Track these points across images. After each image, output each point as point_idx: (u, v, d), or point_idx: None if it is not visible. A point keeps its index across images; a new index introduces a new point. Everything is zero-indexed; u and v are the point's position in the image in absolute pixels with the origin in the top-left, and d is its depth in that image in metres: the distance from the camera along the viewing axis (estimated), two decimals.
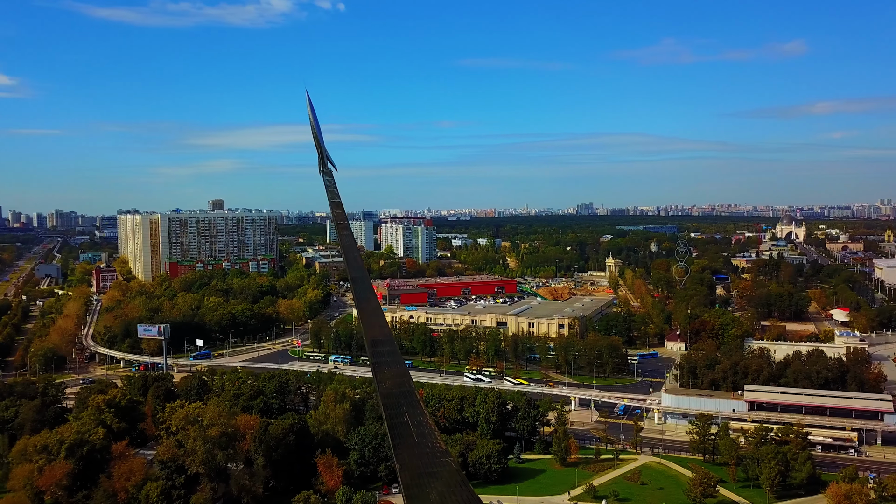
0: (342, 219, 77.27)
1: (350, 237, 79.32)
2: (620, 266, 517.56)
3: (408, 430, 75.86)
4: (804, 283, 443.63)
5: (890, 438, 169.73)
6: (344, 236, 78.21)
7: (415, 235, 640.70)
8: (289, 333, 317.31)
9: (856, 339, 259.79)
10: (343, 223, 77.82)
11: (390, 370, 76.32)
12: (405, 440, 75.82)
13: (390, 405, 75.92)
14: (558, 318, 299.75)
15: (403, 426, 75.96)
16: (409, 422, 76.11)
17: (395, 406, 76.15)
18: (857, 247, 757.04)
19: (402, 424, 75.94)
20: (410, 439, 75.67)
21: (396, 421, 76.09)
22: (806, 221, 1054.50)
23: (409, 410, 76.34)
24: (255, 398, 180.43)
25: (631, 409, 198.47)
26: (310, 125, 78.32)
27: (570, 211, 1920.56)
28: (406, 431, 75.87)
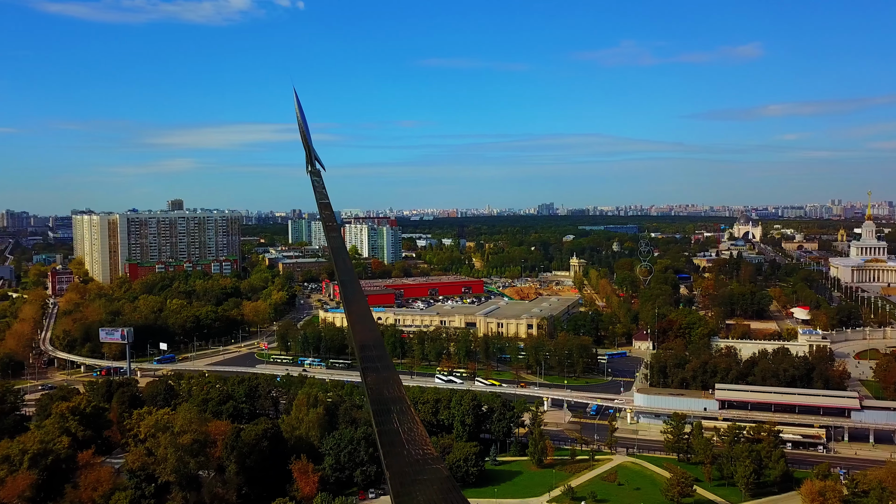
0: (331, 220, 75.17)
1: (339, 239, 77.19)
2: (584, 266, 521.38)
3: (398, 437, 74.11)
4: (763, 282, 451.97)
5: (856, 435, 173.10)
6: (333, 238, 76.09)
7: (380, 236, 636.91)
8: (254, 336, 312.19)
9: (818, 336, 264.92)
10: (332, 224, 75.74)
11: (380, 375, 74.39)
12: (395, 447, 73.99)
13: (380, 411, 74.03)
14: (527, 318, 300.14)
15: (393, 433, 74.16)
16: (399, 428, 74.32)
17: (385, 412, 74.27)
18: (812, 246, 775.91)
19: (393, 431, 74.13)
20: (400, 446, 73.84)
21: (386, 427, 74.25)
22: (761, 221, 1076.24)
23: (400, 417, 74.56)
24: (224, 403, 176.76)
25: (603, 408, 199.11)
26: (297, 123, 76.08)
27: (531, 211, 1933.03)
28: (396, 438, 74.10)
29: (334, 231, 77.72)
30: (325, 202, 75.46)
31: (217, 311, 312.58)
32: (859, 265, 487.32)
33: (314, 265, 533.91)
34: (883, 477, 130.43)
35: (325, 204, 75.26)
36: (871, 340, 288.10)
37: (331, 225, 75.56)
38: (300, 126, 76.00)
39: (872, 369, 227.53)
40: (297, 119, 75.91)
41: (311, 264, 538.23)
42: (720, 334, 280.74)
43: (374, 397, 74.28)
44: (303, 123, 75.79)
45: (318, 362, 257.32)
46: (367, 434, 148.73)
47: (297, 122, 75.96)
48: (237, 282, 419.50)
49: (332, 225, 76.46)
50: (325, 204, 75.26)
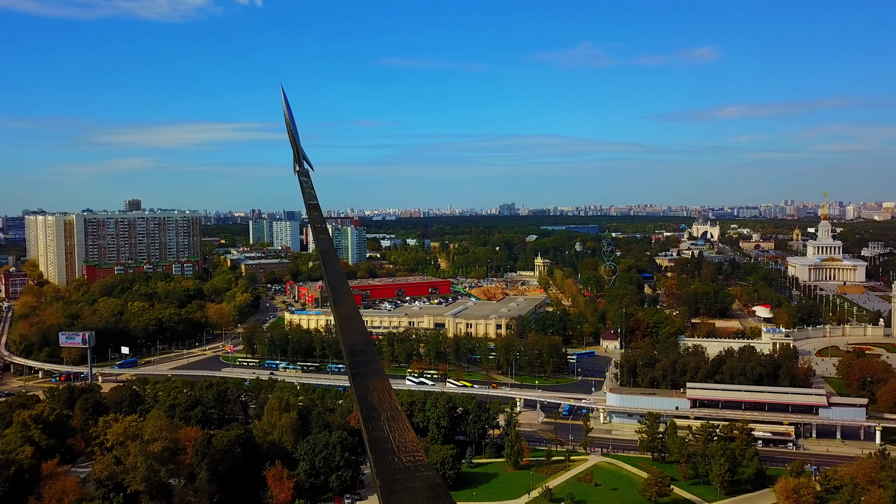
0: (319, 221, 72.94)
1: (328, 241, 74.90)
2: (549, 266, 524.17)
3: (389, 444, 72.13)
4: (724, 280, 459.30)
5: (824, 431, 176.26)
6: (322, 240, 73.69)
7: (344, 236, 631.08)
8: (219, 339, 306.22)
9: (781, 335, 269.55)
10: (320, 226, 73.49)
11: (371, 381, 72.32)
12: (385, 454, 71.94)
13: (370, 418, 71.94)
14: (495, 318, 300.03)
15: (384, 440, 72.16)
16: (389, 435, 72.41)
17: (376, 419, 72.22)
18: (769, 245, 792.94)
19: (383, 438, 72.14)
20: (391, 453, 71.89)
21: (376, 434, 72.16)
22: (719, 221, 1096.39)
23: (391, 423, 72.57)
24: (192, 408, 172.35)
25: (576, 409, 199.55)
26: (284, 121, 73.66)
27: (492, 211, 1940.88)
28: (387, 445, 72.10)
29: (323, 233, 75.35)
30: (314, 203, 73.25)
31: (180, 314, 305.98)
32: (816, 264, 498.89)
33: (277, 266, 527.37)
34: (854, 473, 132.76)
35: (313, 205, 73.04)
36: (832, 338, 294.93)
37: (319, 226, 73.34)
38: (287, 124, 73.65)
39: (835, 366, 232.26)
40: (285, 117, 73.53)
41: (273, 265, 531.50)
42: (686, 333, 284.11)
43: (364, 403, 72.21)
44: (290, 122, 73.48)
45: (292, 366, 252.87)
46: (342, 439, 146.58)
47: (285, 119, 73.58)
48: (200, 284, 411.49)
49: (321, 226, 74.27)
50: (313, 205, 73.04)
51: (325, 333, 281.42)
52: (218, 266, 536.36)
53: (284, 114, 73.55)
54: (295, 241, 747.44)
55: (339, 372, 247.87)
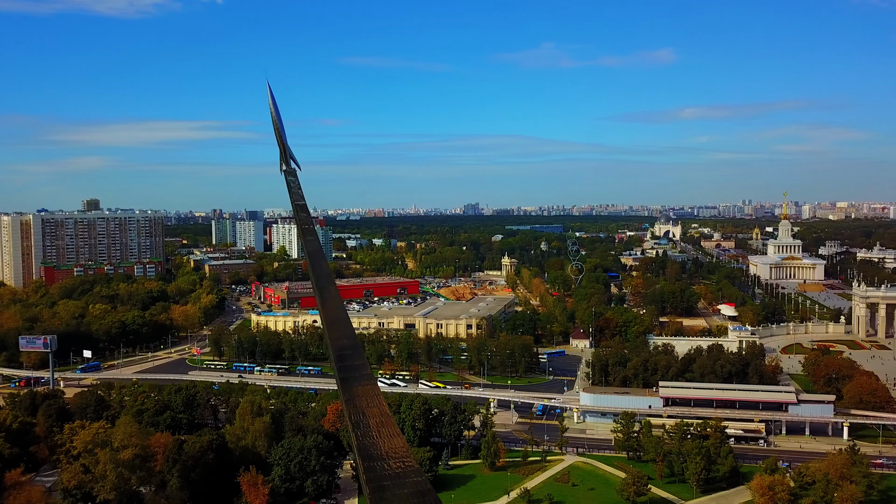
0: (307, 222, 70.95)
1: (316, 242, 72.98)
2: (516, 265, 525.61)
3: (378, 450, 70.68)
4: (688, 279, 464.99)
5: (793, 427, 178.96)
6: (310, 241, 71.72)
7: None
8: (184, 341, 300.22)
9: (747, 333, 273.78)
10: (308, 227, 71.48)
11: (360, 386, 70.71)
12: (374, 461, 70.48)
13: (359, 423, 70.40)
14: (466, 318, 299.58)
15: (373, 446, 70.71)
16: (378, 441, 70.93)
17: (365, 425, 70.68)
18: (729, 244, 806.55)
19: (372, 444, 70.68)
20: (381, 460, 70.43)
21: (366, 441, 70.68)
22: (680, 220, 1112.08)
23: (380, 430, 71.09)
24: (161, 413, 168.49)
25: (549, 408, 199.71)
26: (271, 119, 71.58)
27: (457, 211, 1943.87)
28: (376, 452, 70.64)
29: (311, 234, 73.33)
30: (301, 203, 71.31)
31: (144, 316, 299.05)
32: (777, 263, 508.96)
33: (241, 267, 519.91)
34: (826, 469, 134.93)
35: (300, 205, 71.10)
36: (795, 335, 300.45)
37: (307, 227, 71.37)
38: (274, 123, 71.61)
39: (801, 363, 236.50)
40: (272, 114, 71.49)
41: (238, 266, 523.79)
42: (655, 332, 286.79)
43: (353, 408, 70.64)
44: (277, 120, 71.43)
45: (267, 368, 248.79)
46: (317, 443, 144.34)
47: (272, 117, 71.53)
48: (163, 285, 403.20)
49: (309, 227, 72.30)
50: (300, 205, 71.10)
51: (293, 335, 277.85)
52: (181, 267, 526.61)
53: (271, 111, 71.55)
54: (259, 242, 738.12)
55: (308, 374, 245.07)
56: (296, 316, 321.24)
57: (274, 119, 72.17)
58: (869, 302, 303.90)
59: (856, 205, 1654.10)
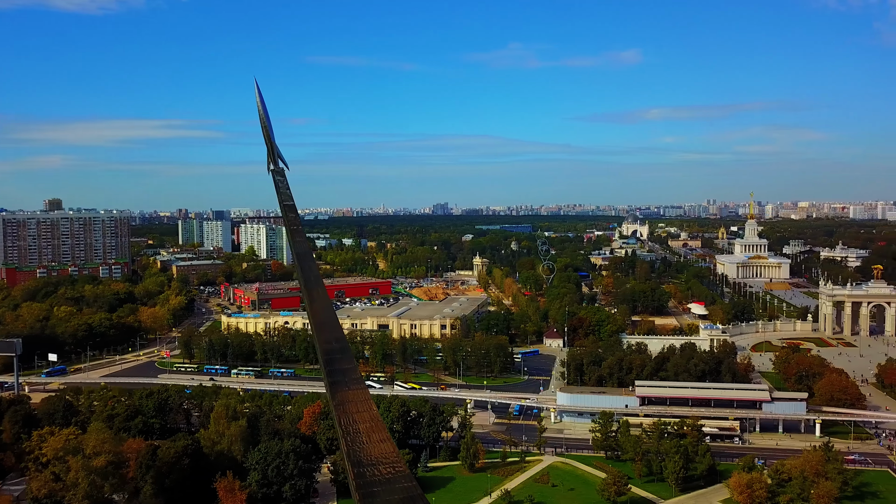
0: (296, 223, 69.37)
1: (305, 244, 71.43)
2: (487, 265, 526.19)
3: (368, 456, 69.53)
4: (657, 278, 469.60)
5: (767, 425, 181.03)
6: (298, 243, 70.14)
7: (279, 236, 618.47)
8: (153, 343, 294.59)
9: (718, 331, 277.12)
10: (297, 228, 69.90)
11: (351, 391, 69.44)
12: (364, 467, 69.40)
13: (349, 430, 69.17)
14: (440, 318, 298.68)
15: (363, 451, 69.53)
16: (368, 447, 69.78)
17: (355, 430, 69.47)
18: (696, 244, 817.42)
19: (363, 450, 69.50)
20: (371, 465, 69.35)
21: (356, 447, 69.51)
22: (647, 220, 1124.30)
23: (370, 435, 69.95)
24: (132, 418, 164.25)
25: (526, 408, 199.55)
26: (259, 118, 69.66)
27: (426, 210, 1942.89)
28: (366, 458, 69.49)
29: (300, 235, 71.77)
30: (290, 203, 69.67)
31: (111, 318, 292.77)
32: (744, 262, 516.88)
33: (210, 268, 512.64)
34: (801, 465, 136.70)
35: (289, 206, 69.45)
36: (764, 333, 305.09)
37: (296, 228, 69.76)
38: (262, 121, 69.76)
39: (772, 361, 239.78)
40: (259, 113, 69.61)
41: (206, 266, 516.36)
42: (627, 331, 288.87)
43: (343, 413, 69.37)
44: (265, 118, 69.58)
45: (244, 371, 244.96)
46: (295, 446, 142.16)
47: (259, 116, 69.66)
48: (130, 286, 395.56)
49: (298, 228, 70.69)
50: (289, 206, 69.45)
51: (265, 337, 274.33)
52: (147, 268, 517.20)
53: (259, 109, 69.75)
54: (226, 242, 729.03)
55: (281, 376, 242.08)
56: (267, 317, 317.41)
57: (262, 117, 70.35)
58: (835, 300, 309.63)
59: (817, 204, 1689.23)
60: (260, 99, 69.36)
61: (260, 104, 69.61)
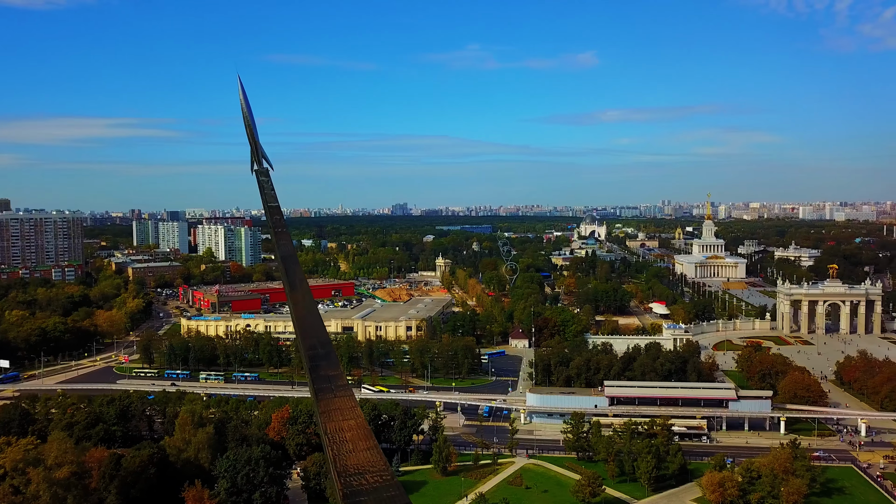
0: (281, 225, 67.10)
1: (290, 246, 69.31)
2: (450, 266, 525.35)
3: (355, 466, 67.66)
4: (617, 278, 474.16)
5: (733, 423, 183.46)
6: (283, 245, 67.92)
7: (237, 237, 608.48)
8: (110, 348, 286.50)
9: (681, 330, 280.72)
10: (282, 230, 67.59)
11: (337, 398, 67.42)
12: (351, 476, 67.49)
13: (336, 438, 67.22)
14: (405, 320, 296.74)
15: (350, 460, 67.65)
16: (355, 455, 67.91)
17: (342, 439, 67.53)
18: (653, 244, 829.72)
19: (350, 459, 67.61)
20: (358, 476, 67.48)
21: (343, 456, 67.56)
22: (605, 221, 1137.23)
23: (356, 443, 68.07)
24: (93, 426, 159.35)
25: (495, 410, 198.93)
26: (242, 116, 67.12)
27: (385, 211, 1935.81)
28: (353, 468, 67.63)
29: (285, 237, 69.53)
30: (275, 205, 67.38)
31: (66, 322, 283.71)
32: (701, 262, 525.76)
33: (167, 269, 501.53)
34: (770, 463, 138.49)
35: (274, 207, 67.16)
36: (725, 332, 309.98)
37: (281, 230, 67.45)
38: (245, 119, 67.20)
39: (735, 360, 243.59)
40: (242, 111, 67.03)
41: (163, 269, 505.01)
42: (592, 331, 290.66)
43: (330, 421, 67.35)
44: (248, 116, 67.00)
45: (214, 376, 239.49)
46: (265, 453, 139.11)
47: (242, 114, 67.10)
48: (85, 289, 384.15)
49: (283, 230, 68.37)
50: (274, 207, 67.16)
51: (228, 340, 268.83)
52: (102, 270, 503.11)
53: (242, 107, 67.21)
54: (183, 243, 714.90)
55: (245, 380, 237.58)
56: (228, 320, 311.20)
57: (245, 116, 67.81)
58: (792, 299, 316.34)
59: (768, 205, 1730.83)
60: (243, 96, 66.80)
61: (243, 102, 67.05)
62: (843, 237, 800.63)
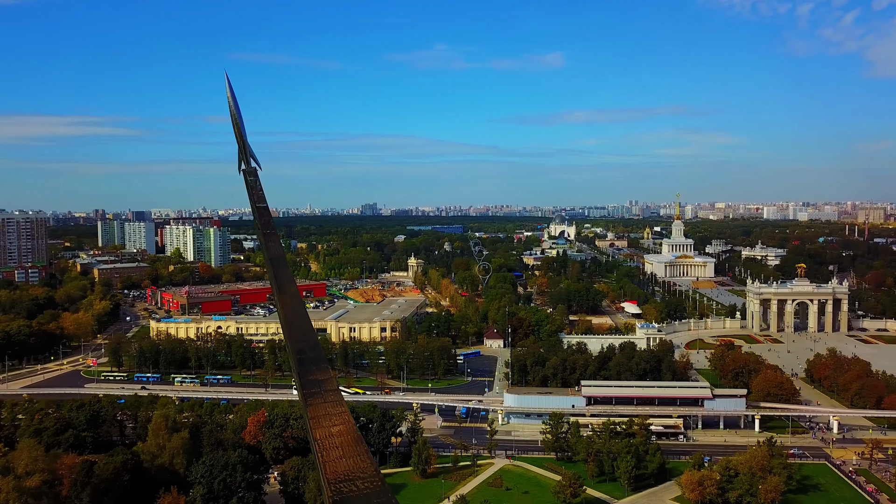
0: (269, 227, 65.24)
1: (280, 248, 67.43)
2: (423, 266, 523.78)
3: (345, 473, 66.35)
4: (588, 278, 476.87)
5: (708, 422, 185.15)
6: (272, 247, 66.04)
7: (206, 238, 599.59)
8: (77, 351, 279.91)
9: (654, 329, 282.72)
10: (271, 231, 65.80)
11: (327, 404, 65.98)
12: (342, 483, 66.19)
13: (326, 444, 65.84)
14: (379, 321, 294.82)
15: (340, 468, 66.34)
16: (345, 462, 66.60)
17: (331, 445, 66.14)
18: (623, 244, 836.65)
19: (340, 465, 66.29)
20: (348, 482, 66.20)
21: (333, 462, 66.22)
22: (574, 221, 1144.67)
23: (345, 448, 66.76)
24: (62, 432, 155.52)
25: (472, 410, 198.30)
26: (230, 114, 65.11)
27: (354, 211, 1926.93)
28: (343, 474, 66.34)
29: (274, 239, 67.68)
30: (263, 206, 65.50)
31: (31, 325, 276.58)
32: (671, 261, 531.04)
33: (134, 271, 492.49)
34: (748, 461, 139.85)
35: (262, 208, 65.30)
36: (697, 331, 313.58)
37: (270, 232, 65.69)
38: (233, 117, 65.21)
39: (708, 358, 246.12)
40: (230, 109, 65.00)
41: (130, 270, 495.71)
42: (566, 330, 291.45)
43: (320, 429, 65.92)
44: (236, 114, 65.02)
45: (189, 379, 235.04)
46: (242, 458, 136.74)
47: (230, 112, 65.08)
48: (50, 291, 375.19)
49: (272, 232, 66.60)
50: (262, 208, 65.30)
51: (199, 342, 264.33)
52: (67, 271, 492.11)
53: (230, 105, 65.23)
54: (150, 244, 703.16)
55: (218, 383, 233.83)
56: (199, 322, 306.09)
57: (233, 114, 65.87)
58: (762, 298, 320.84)
59: (732, 205, 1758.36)
60: (231, 94, 64.78)
61: (231, 99, 65.04)
62: (807, 237, 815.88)
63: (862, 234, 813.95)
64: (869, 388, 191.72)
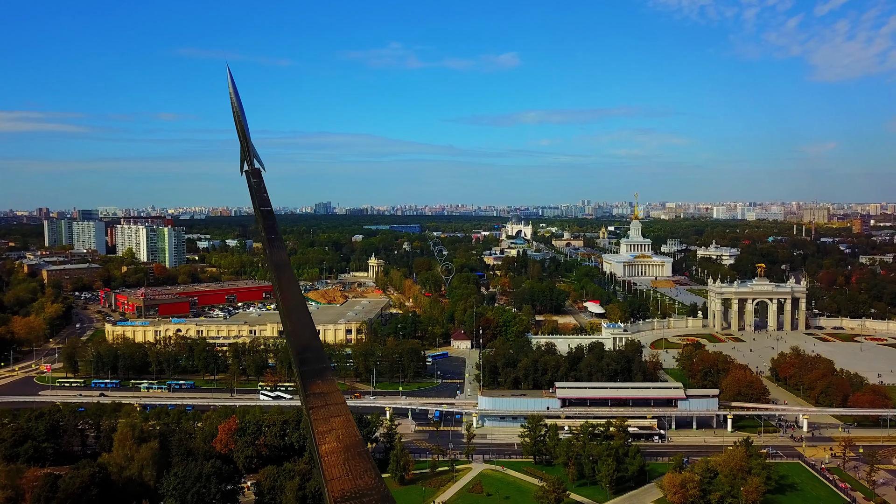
0: (274, 231, 61.52)
1: (284, 253, 63.69)
2: (384, 266, 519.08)
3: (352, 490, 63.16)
4: (549, 277, 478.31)
5: (681, 422, 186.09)
6: (277, 253, 62.25)
7: (160, 237, 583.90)
8: (29, 357, 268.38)
9: (620, 329, 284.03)
10: (275, 237, 62.06)
11: (335, 417, 62.59)
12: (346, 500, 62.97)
13: (332, 461, 62.48)
14: (344, 322, 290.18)
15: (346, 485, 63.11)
16: (349, 477, 63.40)
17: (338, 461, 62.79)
18: (579, 243, 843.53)
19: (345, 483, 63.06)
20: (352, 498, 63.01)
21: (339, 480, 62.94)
22: (529, 220, 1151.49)
23: (350, 463, 63.52)
24: (20, 444, 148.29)
25: (445, 414, 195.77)
26: (232, 111, 61.10)
27: (308, 210, 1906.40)
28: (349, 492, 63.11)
29: (279, 244, 63.87)
30: (268, 209, 61.80)
31: None
32: (630, 261, 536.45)
33: (85, 272, 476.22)
34: (726, 461, 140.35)
35: (267, 212, 61.58)
36: (661, 331, 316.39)
37: (274, 237, 61.97)
38: (236, 116, 61.28)
39: (675, 358, 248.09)
40: (233, 107, 61.04)
41: (81, 271, 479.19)
42: (533, 330, 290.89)
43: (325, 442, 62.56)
44: (239, 112, 61.12)
45: (156, 385, 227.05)
46: (216, 468, 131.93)
47: (233, 110, 61.12)
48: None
49: (276, 236, 62.85)
50: (267, 212, 61.58)
51: (159, 346, 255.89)
52: (13, 273, 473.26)
53: (232, 102, 61.27)
54: (100, 244, 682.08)
55: (180, 388, 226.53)
56: (157, 325, 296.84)
57: (235, 111, 61.94)
58: (723, 297, 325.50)
59: (683, 205, 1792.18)
60: (234, 92, 60.80)
61: (234, 96, 61.04)
62: (757, 236, 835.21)
63: (809, 233, 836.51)
64: (835, 386, 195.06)
